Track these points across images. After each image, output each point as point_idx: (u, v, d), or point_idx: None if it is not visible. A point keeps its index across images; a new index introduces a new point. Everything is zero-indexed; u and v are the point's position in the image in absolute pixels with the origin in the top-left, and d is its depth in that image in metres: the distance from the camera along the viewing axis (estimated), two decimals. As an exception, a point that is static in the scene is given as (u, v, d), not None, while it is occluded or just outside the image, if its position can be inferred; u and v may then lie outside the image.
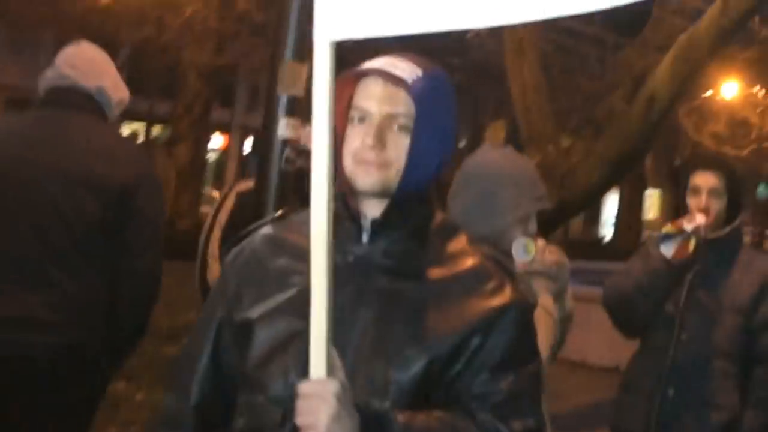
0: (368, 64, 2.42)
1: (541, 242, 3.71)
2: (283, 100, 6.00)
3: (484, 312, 2.41)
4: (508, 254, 3.49)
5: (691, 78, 10.22)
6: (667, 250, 4.69)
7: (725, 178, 4.84)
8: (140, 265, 4.35)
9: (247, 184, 6.23)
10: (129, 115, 29.41)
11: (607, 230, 41.33)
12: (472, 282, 2.46)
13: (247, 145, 45.28)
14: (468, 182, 3.74)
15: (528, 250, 3.61)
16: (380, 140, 2.39)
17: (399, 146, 2.40)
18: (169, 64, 23.96)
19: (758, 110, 22.55)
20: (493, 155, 3.84)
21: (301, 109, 5.85)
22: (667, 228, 4.72)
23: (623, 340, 5.27)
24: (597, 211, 45.26)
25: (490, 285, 2.46)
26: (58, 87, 4.43)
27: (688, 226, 4.65)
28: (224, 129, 42.51)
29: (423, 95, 2.40)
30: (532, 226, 3.72)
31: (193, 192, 25.33)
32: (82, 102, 4.41)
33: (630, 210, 37.24)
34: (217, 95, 28.02)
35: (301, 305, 2.31)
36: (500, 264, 2.54)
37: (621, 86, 11.36)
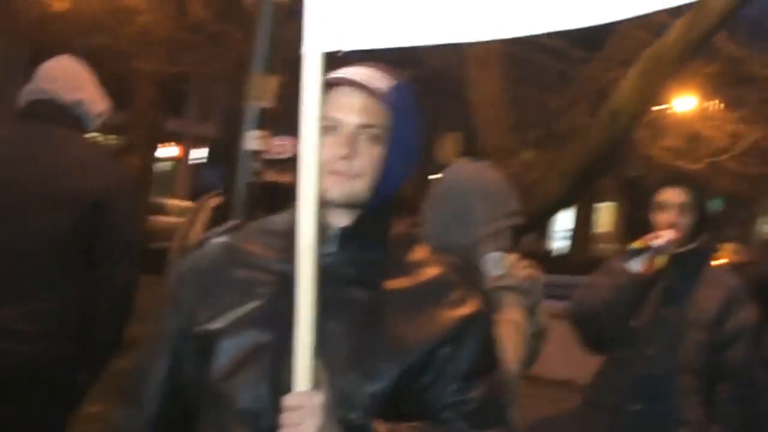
0: (337, 74, 2.42)
1: (513, 257, 3.71)
2: (252, 112, 6.02)
3: (451, 322, 2.45)
4: (478, 267, 3.57)
5: (656, 92, 10.18)
6: (636, 265, 4.69)
7: (693, 194, 4.86)
8: (114, 277, 4.38)
9: (222, 199, 6.22)
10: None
11: (558, 243, 41.48)
12: (437, 292, 2.49)
13: (196, 155, 45.04)
14: (443, 196, 3.77)
15: (500, 265, 3.61)
16: (352, 151, 2.38)
17: (370, 157, 2.42)
18: (122, 72, 23.74)
19: (712, 124, 22.64)
20: (468, 170, 3.85)
21: (270, 121, 5.89)
22: (636, 243, 4.71)
23: (577, 354, 5.26)
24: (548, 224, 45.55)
25: (455, 295, 2.50)
26: (38, 101, 4.52)
27: (656, 242, 4.67)
28: (176, 139, 42.15)
29: (396, 106, 2.45)
30: (505, 241, 3.72)
31: (144, 202, 25.08)
32: (60, 115, 4.50)
33: (582, 223, 37.41)
34: (169, 105, 27.84)
35: (265, 317, 2.39)
36: (463, 273, 2.60)
37: (584, 100, 11.32)
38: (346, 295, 2.42)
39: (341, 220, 2.46)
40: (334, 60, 2.33)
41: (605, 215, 42.38)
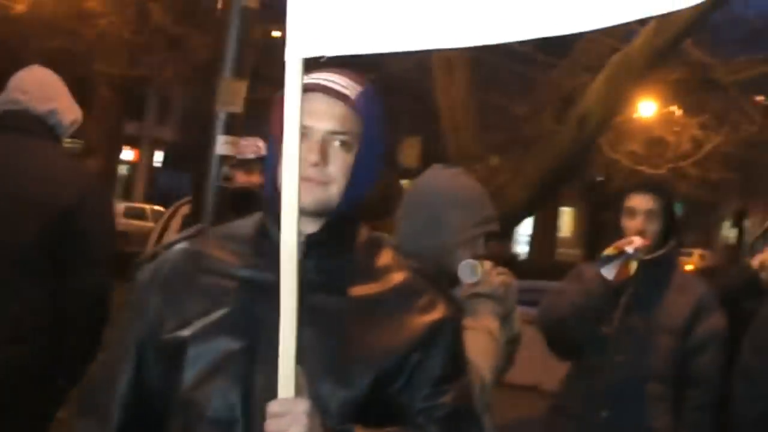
0: (307, 80, 2.35)
1: (488, 264, 3.68)
2: (221, 117, 5.96)
3: (421, 328, 2.44)
4: (449, 273, 3.54)
5: (623, 98, 10.18)
6: (608, 272, 4.65)
7: (661, 201, 4.84)
8: (84, 285, 4.38)
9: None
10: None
11: (520, 248, 41.62)
12: (404, 297, 2.48)
13: (153, 158, 44.94)
14: (417, 203, 3.73)
15: (475, 272, 3.57)
16: (323, 157, 2.36)
17: (341, 163, 2.40)
18: (81, 75, 23.60)
19: (675, 129, 22.77)
20: (442, 176, 3.81)
21: (239, 127, 5.87)
22: (609, 250, 4.65)
23: (544, 359, 5.24)
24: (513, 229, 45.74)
25: (423, 300, 2.49)
26: (9, 111, 4.52)
27: (629, 248, 4.62)
28: (134, 142, 41.94)
29: (365, 112, 2.44)
30: (479, 248, 3.69)
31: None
32: (33, 126, 4.49)
33: (544, 228, 37.54)
34: (127, 108, 27.75)
35: (234, 325, 2.37)
36: (428, 278, 2.59)
37: (550, 106, 11.30)
38: (316, 303, 2.37)
39: (308, 227, 2.41)
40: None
41: (565, 220, 42.60)
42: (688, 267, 29.39)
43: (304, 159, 2.32)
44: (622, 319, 4.75)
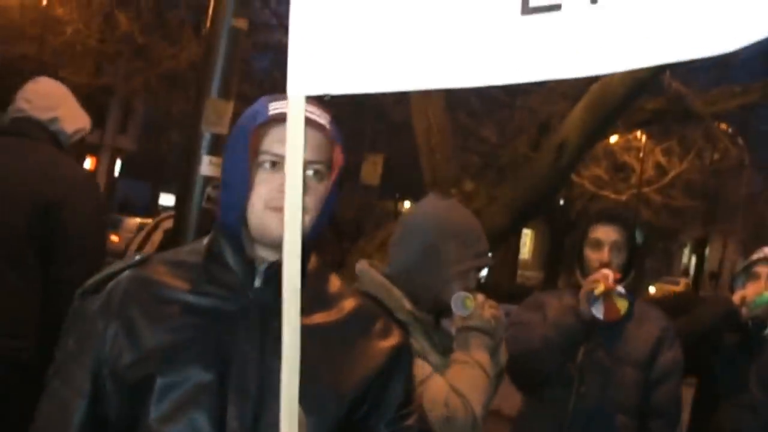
0: (280, 109, 2.37)
1: (480, 297, 3.67)
2: (206, 138, 5.91)
3: (381, 355, 2.49)
4: (441, 303, 3.60)
5: (602, 127, 10.15)
6: (598, 311, 4.61)
7: (625, 232, 4.83)
8: (66, 275, 4.51)
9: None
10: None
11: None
12: (361, 324, 2.52)
13: (112, 167, 44.68)
14: (411, 233, 3.74)
15: (466, 305, 3.59)
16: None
17: (315, 193, 2.40)
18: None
19: (639, 155, 22.93)
20: (439, 206, 3.83)
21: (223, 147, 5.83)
22: (598, 288, 4.58)
23: (505, 383, 5.17)
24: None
25: (378, 326, 2.54)
26: (16, 119, 4.83)
27: (620, 288, 4.60)
28: (93, 151, 41.63)
29: (339, 140, 2.45)
30: (473, 281, 3.71)
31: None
32: (34, 131, 4.78)
33: (506, 250, 37.61)
34: (89, 116, 27.54)
35: (201, 355, 2.33)
36: (377, 301, 2.66)
37: (526, 132, 11.23)
38: (276, 330, 2.29)
39: (267, 255, 2.42)
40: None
41: (525, 241, 42.70)
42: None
43: (277, 188, 2.32)
44: (586, 352, 4.72)
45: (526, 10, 1.97)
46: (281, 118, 2.32)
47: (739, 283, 5.16)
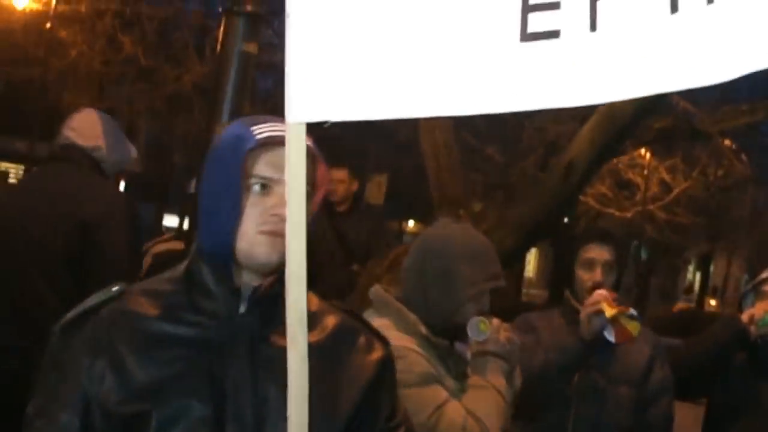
0: (264, 132, 2.37)
1: (495, 321, 3.70)
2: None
3: (369, 368, 2.50)
4: (457, 326, 3.63)
5: (611, 146, 10.10)
6: (609, 334, 4.56)
7: (617, 251, 4.85)
8: None
9: (166, 246, 6.40)
10: (7, 155, 28.82)
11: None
12: (345, 340, 2.51)
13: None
14: (425, 256, 3.76)
15: (481, 330, 3.61)
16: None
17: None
18: (51, 104, 23.42)
19: (644, 172, 22.89)
20: (451, 231, 3.86)
21: None
22: (610, 312, 4.52)
23: None
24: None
25: (361, 340, 2.54)
26: (61, 145, 5.12)
27: (632, 310, 4.57)
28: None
29: (322, 161, 2.44)
30: (486, 304, 3.73)
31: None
32: (78, 157, 5.04)
33: (510, 268, 37.40)
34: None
35: (196, 388, 2.29)
36: (355, 315, 2.64)
37: (533, 153, 11.19)
38: (266, 354, 2.34)
39: (251, 279, 2.38)
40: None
41: (529, 259, 42.55)
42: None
43: (270, 212, 2.31)
44: (582, 374, 4.68)
45: (525, 36, 1.97)
46: (269, 142, 2.33)
47: (748, 302, 5.13)
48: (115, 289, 2.49)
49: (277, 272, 2.35)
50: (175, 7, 21.04)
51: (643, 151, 21.94)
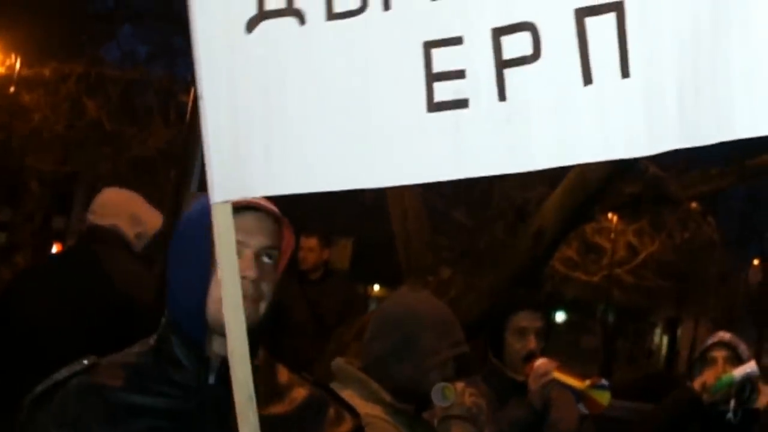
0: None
1: (459, 385, 3.78)
2: None
3: None
4: (421, 394, 3.68)
5: (581, 212, 10.03)
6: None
7: (545, 317, 4.90)
8: None
9: None
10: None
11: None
12: (313, 413, 2.55)
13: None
14: (387, 326, 3.82)
15: (446, 396, 3.66)
16: (260, 273, 2.40)
17: (272, 279, 2.45)
18: (12, 169, 23.31)
19: (611, 236, 22.90)
20: (411, 299, 3.94)
21: None
22: (581, 385, 4.58)
23: None
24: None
25: (330, 413, 2.58)
26: (87, 227, 5.50)
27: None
28: (59, 237, 41.30)
29: (288, 226, 2.51)
30: (450, 370, 3.79)
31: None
32: (101, 237, 5.37)
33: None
34: (55, 203, 27.58)
35: None
36: (324, 388, 2.68)
37: (503, 217, 11.13)
38: (235, 427, 2.30)
39: (223, 348, 2.34)
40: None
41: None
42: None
43: (242, 275, 2.32)
44: None
45: (432, 107, 1.99)
46: (237, 206, 2.36)
47: (697, 370, 5.16)
48: (84, 361, 2.44)
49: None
50: (139, 70, 21.04)
51: (610, 215, 21.95)
